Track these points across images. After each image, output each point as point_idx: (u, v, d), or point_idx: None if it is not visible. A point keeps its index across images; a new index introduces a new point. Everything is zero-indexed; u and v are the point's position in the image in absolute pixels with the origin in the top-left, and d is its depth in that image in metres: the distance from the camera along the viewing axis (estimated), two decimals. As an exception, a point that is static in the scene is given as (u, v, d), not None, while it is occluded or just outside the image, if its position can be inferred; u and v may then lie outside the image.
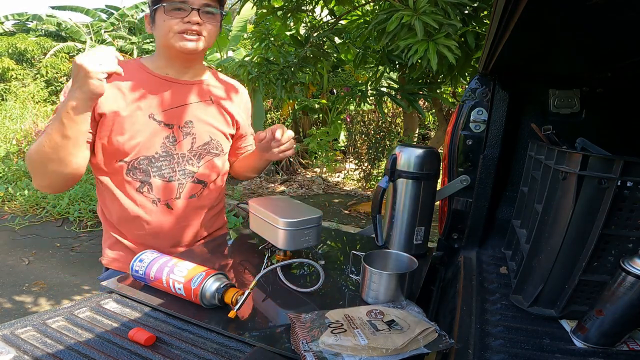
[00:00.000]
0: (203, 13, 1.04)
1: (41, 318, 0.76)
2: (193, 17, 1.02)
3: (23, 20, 13.05)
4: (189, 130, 1.14)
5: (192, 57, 1.12)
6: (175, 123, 1.12)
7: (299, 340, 0.66)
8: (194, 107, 1.16)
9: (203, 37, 1.06)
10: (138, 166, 1.10)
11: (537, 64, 1.08)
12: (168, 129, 1.11)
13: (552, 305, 0.81)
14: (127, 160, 1.09)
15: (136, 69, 1.12)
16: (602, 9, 0.59)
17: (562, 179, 0.77)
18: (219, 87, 1.24)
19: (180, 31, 1.03)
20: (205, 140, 1.18)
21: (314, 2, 3.10)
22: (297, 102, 6.67)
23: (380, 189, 1.10)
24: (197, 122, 1.16)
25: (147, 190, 1.12)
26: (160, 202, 1.14)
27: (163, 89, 1.12)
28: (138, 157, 1.09)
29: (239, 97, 1.29)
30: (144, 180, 1.11)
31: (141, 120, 1.07)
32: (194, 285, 0.79)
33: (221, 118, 1.22)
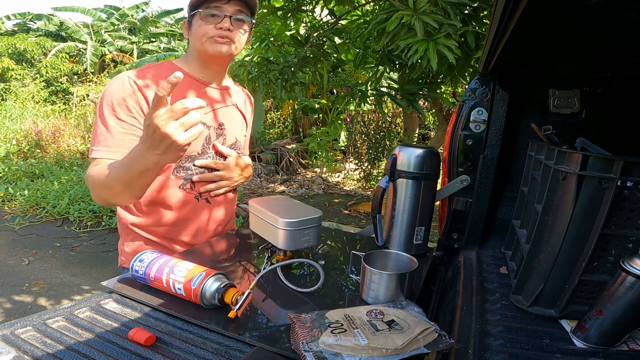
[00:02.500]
0: (234, 20, 1.10)
1: (41, 318, 0.76)
2: (225, 24, 1.09)
3: (25, 20, 13.05)
4: (222, 132, 1.23)
5: (222, 62, 1.19)
6: (212, 124, 1.20)
7: (299, 340, 0.66)
8: (225, 110, 1.25)
9: (233, 43, 1.12)
10: (182, 165, 1.16)
11: (537, 64, 1.08)
12: (206, 129, 1.19)
13: (552, 305, 0.81)
14: None
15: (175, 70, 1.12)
16: (602, 9, 0.59)
17: (562, 179, 0.77)
18: (238, 93, 1.33)
19: (213, 36, 1.10)
20: (232, 141, 1.28)
21: (314, 2, 3.10)
22: (297, 102, 6.67)
23: (380, 189, 1.10)
24: (227, 125, 1.25)
25: (189, 187, 1.19)
26: (202, 196, 1.22)
27: (202, 92, 1.19)
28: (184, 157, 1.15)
29: (250, 104, 1.39)
30: (187, 177, 1.18)
31: None
32: (194, 285, 0.79)
33: (241, 122, 1.32)
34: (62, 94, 11.37)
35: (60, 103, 10.91)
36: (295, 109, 7.33)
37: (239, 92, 1.34)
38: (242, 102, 1.34)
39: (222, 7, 1.08)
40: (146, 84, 1.09)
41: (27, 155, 6.68)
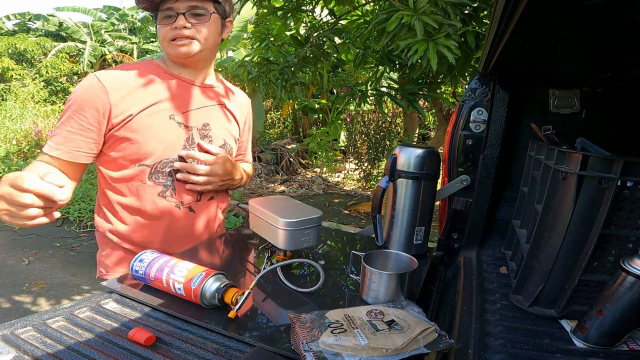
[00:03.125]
0: (191, 16, 1.03)
1: (41, 318, 0.76)
2: (179, 22, 1.02)
3: (25, 20, 13.05)
4: (207, 133, 1.15)
5: (193, 62, 1.12)
6: (194, 125, 1.12)
7: (299, 340, 0.66)
8: (210, 110, 1.17)
9: (196, 40, 1.05)
10: (161, 169, 1.09)
11: (537, 64, 1.08)
12: (188, 130, 1.11)
13: (552, 305, 0.81)
14: (148, 164, 1.07)
15: (153, 68, 1.11)
16: (602, 9, 0.59)
17: (562, 179, 0.77)
18: (227, 92, 1.26)
19: (171, 38, 1.04)
20: (220, 143, 1.20)
21: (314, 2, 3.10)
22: (297, 102, 6.67)
23: (380, 189, 1.10)
24: (213, 125, 1.17)
25: (170, 194, 1.11)
26: (183, 205, 1.13)
27: (182, 90, 1.12)
28: (161, 160, 1.08)
29: (241, 105, 1.30)
30: (166, 184, 1.10)
31: (163, 121, 1.07)
32: (194, 285, 0.79)
33: (231, 123, 1.24)
34: (62, 94, 11.37)
35: (60, 103, 10.92)
36: (295, 109, 7.33)
37: (228, 91, 1.27)
38: (232, 103, 1.26)
39: (173, 6, 1.02)
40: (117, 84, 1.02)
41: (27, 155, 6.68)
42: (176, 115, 1.09)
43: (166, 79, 1.10)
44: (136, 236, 1.12)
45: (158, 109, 1.06)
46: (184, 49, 1.05)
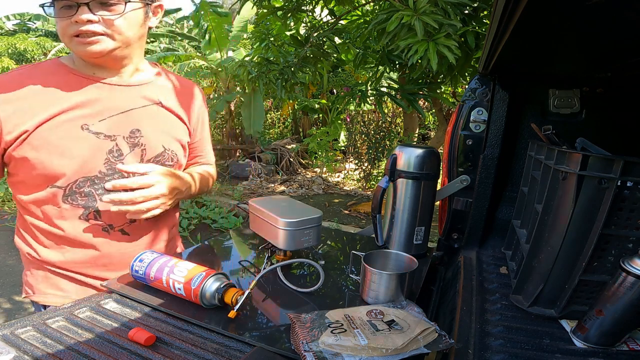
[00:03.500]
0: (98, 6, 0.82)
1: (41, 318, 0.76)
2: (81, 15, 0.80)
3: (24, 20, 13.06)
4: (137, 141, 0.96)
5: (108, 61, 0.91)
6: (119, 133, 0.94)
7: (299, 340, 0.66)
8: (139, 113, 0.97)
9: (106, 36, 0.85)
10: (78, 190, 0.91)
11: (537, 64, 1.08)
12: (110, 140, 0.92)
13: (552, 305, 0.81)
14: (61, 185, 0.90)
15: (55, 69, 0.91)
16: (602, 9, 0.59)
17: (562, 179, 0.77)
18: (168, 88, 1.06)
19: (74, 34, 0.83)
20: (158, 150, 1.01)
21: (314, 2, 3.10)
22: (297, 102, 6.67)
23: (380, 189, 1.10)
24: (145, 131, 0.98)
25: (94, 216, 0.94)
26: (113, 228, 0.97)
27: (97, 93, 0.92)
28: (77, 180, 0.91)
29: (191, 99, 1.10)
30: (88, 205, 0.93)
31: (72, 134, 0.88)
32: (194, 285, 0.79)
33: (174, 124, 1.04)
34: (62, 94, 11.36)
35: None
36: (295, 109, 7.33)
37: (168, 87, 1.06)
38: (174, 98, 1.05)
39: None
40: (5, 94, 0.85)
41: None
42: (91, 125, 0.90)
43: (74, 82, 0.90)
44: (61, 262, 0.97)
45: (64, 120, 0.88)
46: (93, 47, 0.84)
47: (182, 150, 1.07)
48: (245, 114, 6.07)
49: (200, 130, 1.15)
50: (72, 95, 0.89)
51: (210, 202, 4.49)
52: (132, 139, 0.96)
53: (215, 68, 6.45)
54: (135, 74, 0.99)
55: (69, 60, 0.94)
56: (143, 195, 0.91)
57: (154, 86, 1.02)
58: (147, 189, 0.92)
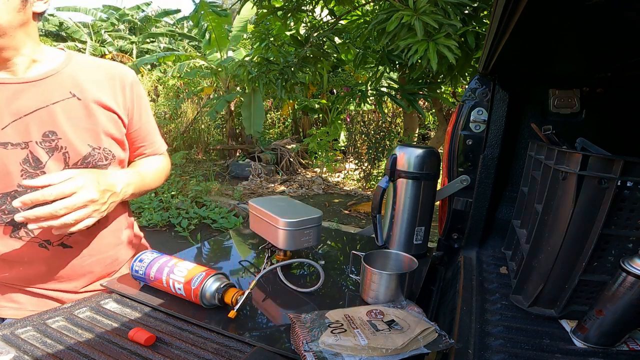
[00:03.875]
0: None
1: (41, 318, 0.76)
2: None
3: (23, 20, 13.02)
4: (55, 144, 0.84)
5: None
6: (29, 139, 0.81)
7: (299, 340, 0.66)
8: (49, 112, 0.83)
9: None
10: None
11: (537, 64, 1.08)
12: (21, 149, 0.81)
13: (552, 305, 0.81)
14: None
15: None
16: (602, 9, 0.59)
17: (562, 179, 0.77)
18: (82, 76, 0.89)
19: None
20: (84, 151, 0.88)
21: (314, 2, 3.11)
22: (297, 102, 6.67)
23: (380, 189, 1.10)
24: (62, 131, 0.84)
25: (25, 233, 0.85)
26: (51, 244, 0.87)
27: None
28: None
29: (116, 83, 0.94)
30: (15, 222, 0.83)
31: None
32: (194, 285, 0.79)
33: (98, 117, 0.89)
34: (62, 94, 11.34)
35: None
36: (295, 109, 7.33)
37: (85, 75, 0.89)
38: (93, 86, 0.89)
39: None
40: None
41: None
42: None
43: None
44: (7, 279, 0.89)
45: None
46: None
47: (117, 145, 0.94)
48: (245, 114, 6.07)
49: (137, 118, 0.99)
50: None
51: (210, 202, 4.49)
52: (47, 143, 0.83)
53: (215, 68, 6.45)
54: (32, 67, 0.84)
55: None
56: (65, 206, 0.74)
57: (63, 76, 0.86)
58: (68, 198, 0.75)
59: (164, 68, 8.06)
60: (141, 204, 4.21)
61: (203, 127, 7.71)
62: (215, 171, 6.24)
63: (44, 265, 0.89)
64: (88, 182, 0.78)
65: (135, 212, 4.16)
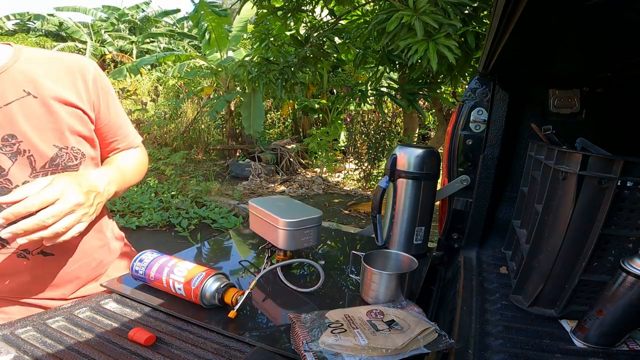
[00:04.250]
0: None
1: (41, 318, 0.76)
2: None
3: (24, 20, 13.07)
4: (16, 148, 0.77)
5: None
6: None
7: (299, 340, 0.66)
8: (5, 113, 0.76)
9: None
10: None
11: (537, 64, 1.08)
12: None
13: (552, 305, 0.81)
14: None
15: None
16: (602, 9, 0.59)
17: (562, 179, 0.77)
18: (36, 71, 0.81)
19: None
20: (51, 153, 0.82)
21: (314, 2, 3.11)
22: (297, 102, 6.67)
23: (380, 189, 1.10)
24: (23, 133, 0.78)
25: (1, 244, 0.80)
26: (30, 253, 0.83)
27: None
28: None
29: (77, 77, 0.87)
30: None
31: None
32: (194, 285, 0.79)
33: (60, 114, 0.82)
34: (62, 93, 11.35)
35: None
36: (295, 109, 7.33)
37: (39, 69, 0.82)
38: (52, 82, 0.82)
39: None
40: None
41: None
42: None
43: None
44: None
45: None
46: None
47: (86, 143, 0.88)
48: (245, 114, 6.06)
49: (105, 111, 0.92)
50: None
51: (210, 202, 4.49)
52: (8, 147, 0.77)
53: (215, 68, 6.45)
54: None
55: None
56: (52, 215, 0.69)
57: (15, 73, 0.78)
58: (53, 206, 0.69)
59: (164, 68, 8.06)
60: (141, 204, 4.21)
61: (203, 127, 7.71)
62: (215, 171, 6.24)
63: (27, 275, 0.84)
64: (69, 186, 0.72)
65: (136, 212, 4.16)
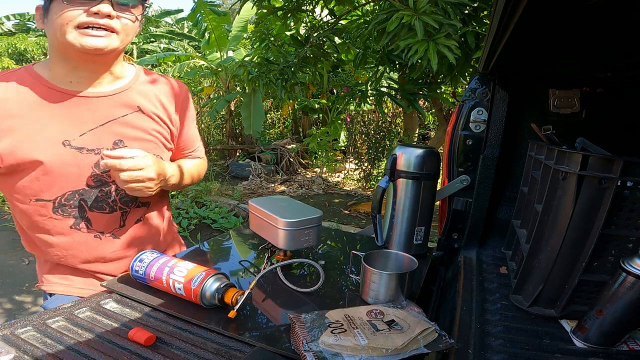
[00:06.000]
0: (118, 4, 0.83)
1: (41, 318, 0.76)
2: (103, 8, 0.80)
3: (24, 20, 13.07)
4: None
5: (100, 60, 0.89)
6: (102, 146, 0.93)
7: (299, 340, 0.66)
8: (120, 123, 0.95)
9: (116, 34, 0.85)
10: (67, 202, 0.93)
11: (537, 64, 1.08)
12: (94, 154, 0.92)
13: (552, 305, 0.81)
14: (48, 199, 0.91)
15: (31, 83, 0.88)
16: (602, 9, 0.59)
17: (562, 179, 0.77)
18: (147, 91, 1.02)
19: (81, 24, 0.81)
20: None
21: (314, 2, 3.10)
22: (297, 102, 6.67)
23: (380, 189, 1.10)
24: (128, 140, 0.96)
25: (85, 225, 0.96)
26: (104, 234, 0.99)
27: (74, 107, 0.90)
28: (64, 193, 0.92)
29: (170, 97, 1.06)
30: (79, 215, 0.95)
31: (54, 151, 0.88)
32: (194, 285, 0.79)
33: (155, 128, 1.02)
34: (62, 94, 11.36)
35: None
36: (295, 109, 7.33)
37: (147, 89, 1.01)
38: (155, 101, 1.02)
39: None
40: None
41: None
42: (72, 140, 0.90)
43: (51, 95, 0.88)
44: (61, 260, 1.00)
45: (44, 138, 0.87)
46: (99, 41, 0.82)
47: (165, 152, 1.06)
48: (245, 114, 6.06)
49: (185, 129, 1.12)
50: (51, 112, 0.88)
51: (210, 202, 4.49)
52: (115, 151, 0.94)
53: (215, 68, 6.44)
54: (113, 82, 0.97)
55: (44, 68, 0.91)
56: (131, 177, 0.88)
57: (133, 92, 0.99)
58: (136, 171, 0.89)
59: (164, 68, 8.06)
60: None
61: (203, 127, 7.71)
62: (215, 171, 6.23)
63: (95, 252, 1.00)
64: (151, 165, 0.91)
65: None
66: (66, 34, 0.82)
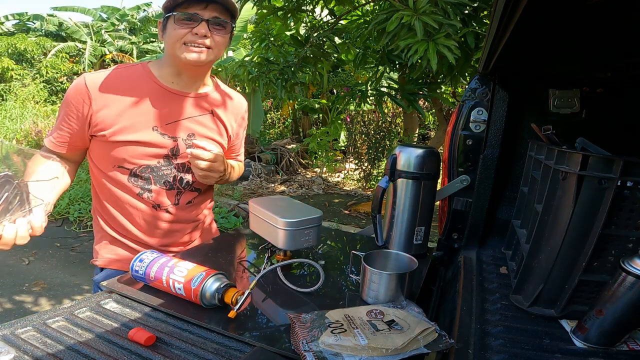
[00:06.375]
0: (212, 25, 1.04)
1: (41, 318, 0.76)
2: (200, 29, 1.02)
3: (24, 20, 13.06)
4: (191, 143, 1.16)
5: (197, 69, 1.12)
6: (179, 135, 1.15)
7: (299, 340, 0.66)
8: (196, 121, 1.18)
9: (209, 49, 1.06)
10: (140, 174, 1.12)
11: (537, 64, 1.08)
12: (172, 141, 1.13)
13: (552, 305, 0.81)
14: (128, 168, 1.12)
15: (143, 76, 1.12)
16: (602, 9, 0.59)
17: (562, 179, 0.77)
18: (219, 98, 1.24)
19: (186, 42, 1.04)
20: None
21: (314, 2, 3.11)
22: (297, 102, 6.67)
23: (380, 189, 1.10)
24: (198, 136, 1.18)
25: (147, 196, 1.15)
26: (160, 208, 1.17)
27: (168, 101, 1.13)
28: (141, 166, 1.12)
29: (236, 109, 1.29)
30: (145, 187, 1.14)
31: (145, 133, 1.10)
32: (194, 285, 0.79)
33: (217, 129, 1.23)
34: (62, 94, 11.37)
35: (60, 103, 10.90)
36: (295, 109, 7.33)
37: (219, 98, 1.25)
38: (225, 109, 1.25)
39: (200, 13, 1.02)
40: (104, 86, 1.06)
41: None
42: (160, 127, 1.11)
43: (155, 90, 1.11)
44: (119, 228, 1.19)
45: (141, 121, 1.09)
46: (195, 55, 1.05)
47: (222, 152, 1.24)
48: (245, 114, 6.06)
49: (238, 140, 1.36)
50: (151, 102, 1.11)
51: (210, 202, 4.48)
52: (188, 140, 1.16)
53: (215, 68, 6.45)
54: (201, 87, 1.19)
55: (156, 66, 1.14)
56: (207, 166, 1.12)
57: (210, 98, 1.21)
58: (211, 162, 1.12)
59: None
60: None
61: (203, 127, 7.70)
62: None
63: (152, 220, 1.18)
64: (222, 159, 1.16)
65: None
66: (175, 49, 1.05)
